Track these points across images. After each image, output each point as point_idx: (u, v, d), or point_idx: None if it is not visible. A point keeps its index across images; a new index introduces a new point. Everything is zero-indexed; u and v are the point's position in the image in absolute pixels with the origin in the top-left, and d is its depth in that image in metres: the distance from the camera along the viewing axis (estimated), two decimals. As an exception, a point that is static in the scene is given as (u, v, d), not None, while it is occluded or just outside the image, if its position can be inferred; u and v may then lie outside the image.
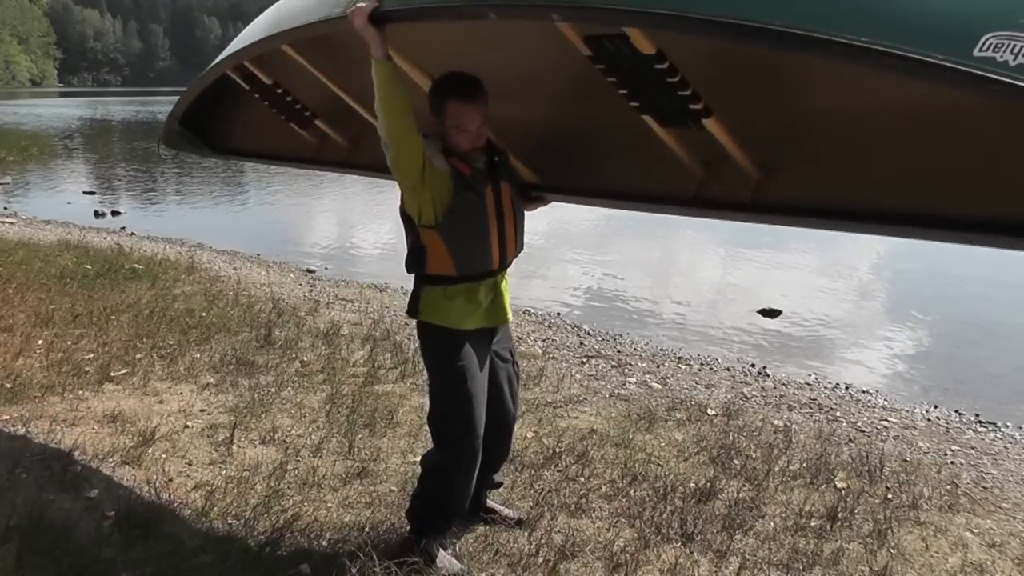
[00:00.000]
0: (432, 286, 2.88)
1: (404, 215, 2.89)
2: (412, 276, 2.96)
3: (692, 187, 2.80)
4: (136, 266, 8.12)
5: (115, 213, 14.12)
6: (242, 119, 4.73)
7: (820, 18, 1.72)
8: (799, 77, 2.46)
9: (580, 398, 5.01)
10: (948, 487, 3.98)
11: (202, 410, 4.52)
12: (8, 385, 4.62)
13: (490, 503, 3.37)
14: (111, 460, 3.80)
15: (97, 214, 13.90)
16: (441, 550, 3.02)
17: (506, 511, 3.39)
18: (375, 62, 2.62)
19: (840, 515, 3.55)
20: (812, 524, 3.49)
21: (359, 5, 2.59)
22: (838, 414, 5.11)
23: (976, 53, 1.53)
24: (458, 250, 2.83)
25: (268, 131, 4.58)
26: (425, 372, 3.14)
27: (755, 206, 2.64)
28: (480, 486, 3.21)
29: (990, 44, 1.52)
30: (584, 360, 5.99)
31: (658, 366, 5.99)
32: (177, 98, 4.67)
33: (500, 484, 3.44)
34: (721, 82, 2.54)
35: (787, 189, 2.57)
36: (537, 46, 2.92)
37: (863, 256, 11.30)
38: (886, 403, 5.55)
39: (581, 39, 2.51)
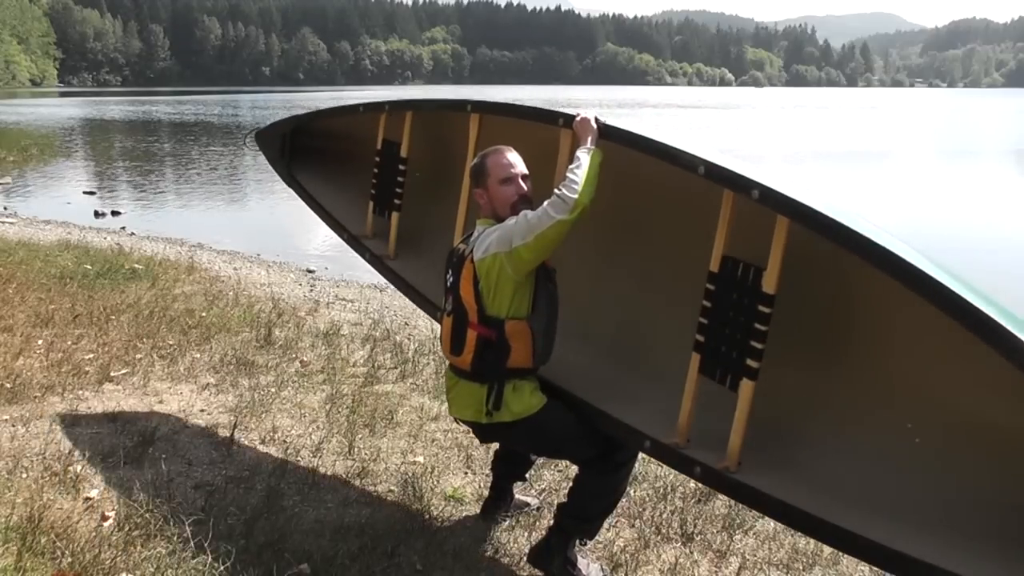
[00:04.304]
0: (507, 381, 2.88)
1: (483, 317, 2.84)
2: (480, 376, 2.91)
3: (670, 440, 2.71)
4: (136, 266, 8.12)
5: (115, 213, 14.12)
6: (327, 163, 4.78)
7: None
8: (858, 376, 2.54)
9: (580, 398, 5.00)
10: (948, 487, 3.97)
11: (202, 410, 4.52)
12: (8, 385, 4.61)
13: (517, 495, 3.50)
14: (111, 460, 3.79)
15: (97, 214, 13.91)
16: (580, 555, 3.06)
17: (531, 500, 3.53)
18: (591, 150, 2.83)
19: (840, 515, 3.54)
20: (812, 524, 3.49)
21: (587, 114, 2.97)
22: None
23: None
24: (541, 343, 2.87)
25: (339, 190, 4.66)
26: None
27: (711, 478, 2.59)
28: (511, 482, 3.45)
29: None
30: (584, 360, 5.98)
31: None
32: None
33: (527, 479, 3.62)
34: (787, 349, 2.54)
35: (757, 479, 2.50)
36: (667, 225, 3.07)
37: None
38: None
39: (722, 253, 2.56)
